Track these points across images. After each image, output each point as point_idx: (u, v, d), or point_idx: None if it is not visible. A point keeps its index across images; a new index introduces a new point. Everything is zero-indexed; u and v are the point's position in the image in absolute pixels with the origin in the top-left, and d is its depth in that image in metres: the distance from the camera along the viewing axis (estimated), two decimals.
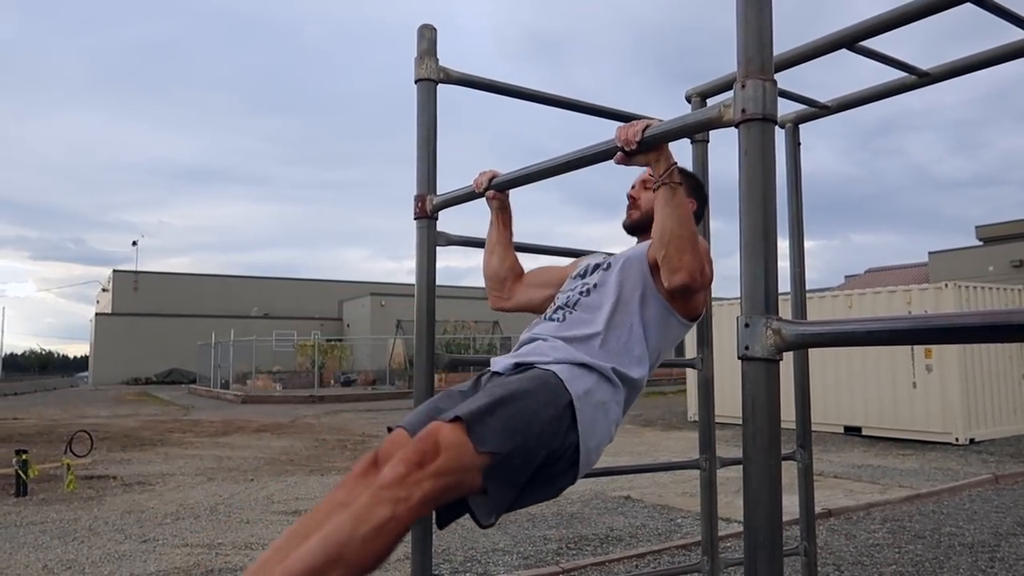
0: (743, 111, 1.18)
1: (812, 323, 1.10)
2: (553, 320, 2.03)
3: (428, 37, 2.18)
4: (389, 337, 28.66)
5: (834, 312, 11.06)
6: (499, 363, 1.98)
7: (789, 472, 7.31)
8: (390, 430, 1.90)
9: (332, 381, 26.47)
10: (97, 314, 39.59)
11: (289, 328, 35.68)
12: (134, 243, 44.49)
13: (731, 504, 6.48)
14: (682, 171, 2.17)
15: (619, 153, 1.66)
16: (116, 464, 9.05)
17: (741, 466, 2.86)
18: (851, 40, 2.13)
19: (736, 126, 1.21)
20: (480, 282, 2.39)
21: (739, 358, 1.15)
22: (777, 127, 2.87)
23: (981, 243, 28.74)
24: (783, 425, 1.31)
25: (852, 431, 10.99)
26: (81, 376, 44.53)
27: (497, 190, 2.18)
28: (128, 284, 39.30)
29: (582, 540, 5.32)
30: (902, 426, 10.38)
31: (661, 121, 1.57)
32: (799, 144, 2.99)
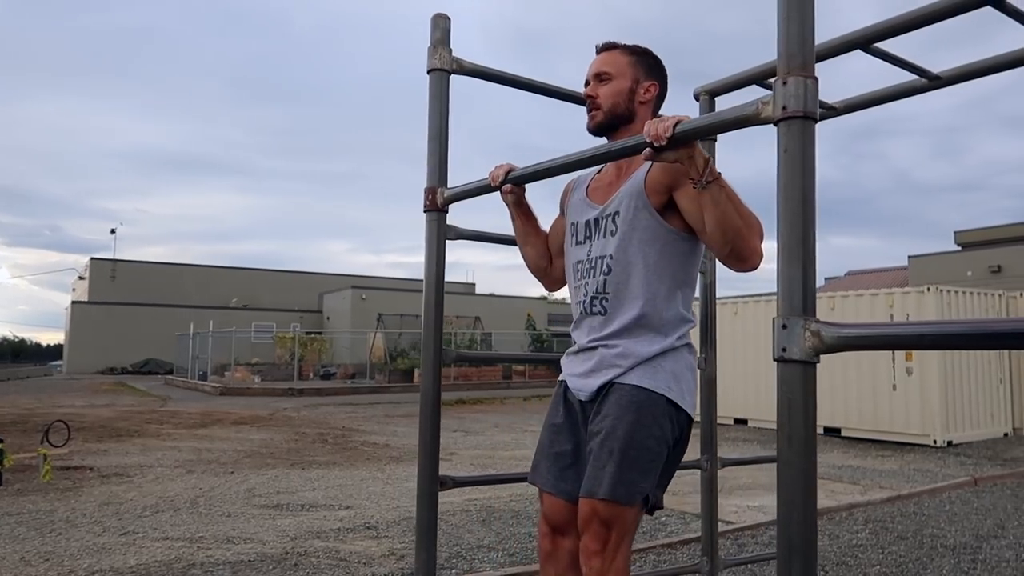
0: (784, 108, 1.15)
1: (855, 325, 1.09)
2: (595, 314, 2.06)
3: (442, 26, 2.13)
4: (369, 330, 28.52)
5: (816, 314, 11.13)
6: (581, 390, 2.10)
7: (769, 473, 7.30)
8: (534, 485, 2.18)
9: (311, 374, 26.30)
10: (73, 302, 39.01)
11: (268, 320, 35.41)
12: (113, 231, 44.09)
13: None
14: (642, 50, 2.09)
15: (648, 149, 1.62)
16: (93, 455, 8.91)
17: (726, 466, 2.83)
18: (866, 41, 2.12)
19: (775, 123, 1.18)
20: (461, 277, 2.37)
21: (775, 360, 1.13)
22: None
23: (960, 248, 29.13)
24: (764, 426, 1.33)
25: (832, 432, 11.09)
26: (55, 365, 43.84)
27: (514, 184, 2.13)
28: (106, 272, 38.79)
29: None
30: (882, 428, 10.49)
31: (690, 117, 1.53)
32: None
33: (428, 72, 2.18)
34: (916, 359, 10.18)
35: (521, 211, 2.26)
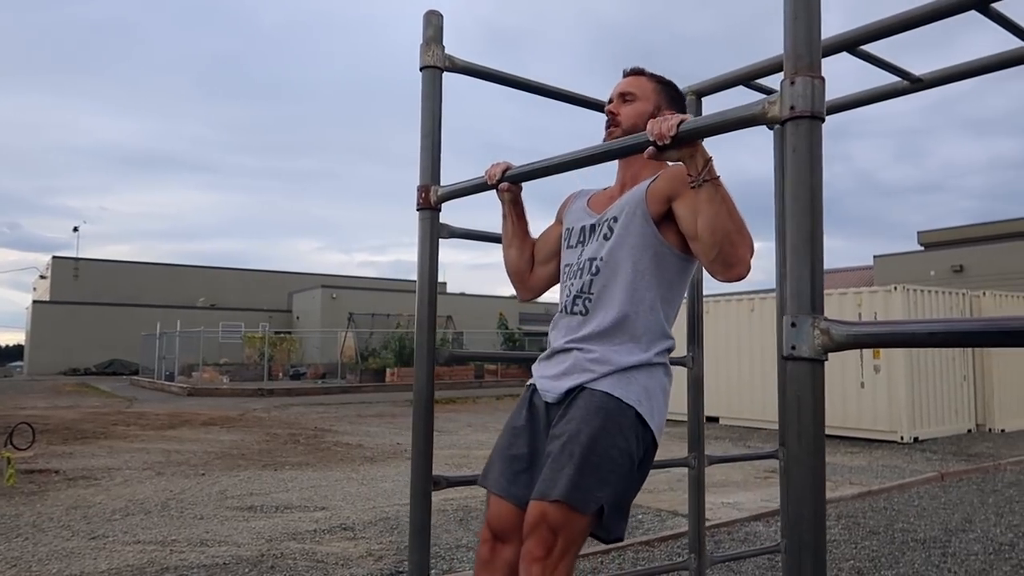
0: (792, 108, 1.16)
1: (866, 323, 1.09)
2: (575, 315, 2.00)
3: (435, 24, 2.11)
4: (340, 330, 28.28)
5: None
6: (548, 391, 2.02)
7: (743, 470, 7.35)
8: (483, 487, 2.09)
9: (281, 374, 26.01)
10: (34, 302, 38.13)
11: (237, 320, 34.94)
12: (75, 229, 43.03)
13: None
14: (667, 81, 2.15)
15: (651, 147, 1.62)
16: (58, 458, 8.72)
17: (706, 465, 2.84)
18: (853, 43, 2.15)
19: (782, 123, 1.19)
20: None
21: (784, 358, 1.13)
22: (766, 128, 2.88)
23: (923, 248, 29.75)
24: (736, 423, 1.34)
25: None
26: (15, 365, 42.82)
27: (511, 182, 2.11)
28: (68, 271, 37.99)
29: None
30: (850, 424, 10.67)
31: (692, 117, 1.53)
32: None
33: (421, 69, 2.16)
34: (884, 357, 10.37)
35: (516, 210, 2.24)
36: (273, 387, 21.60)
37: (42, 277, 41.94)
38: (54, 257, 38.88)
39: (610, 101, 2.15)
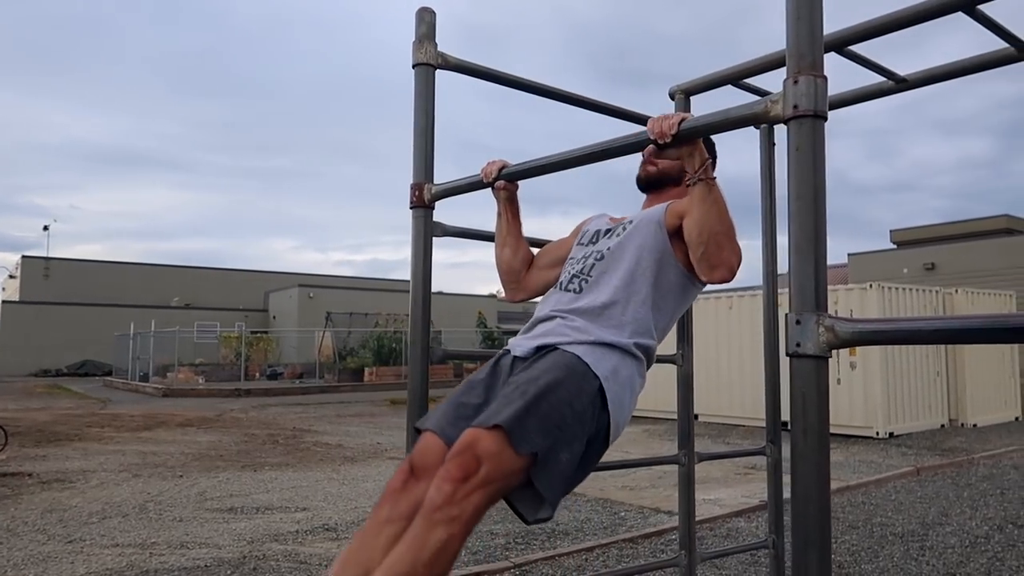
0: (795, 107, 1.17)
1: (870, 321, 1.11)
2: (568, 291, 1.99)
3: (427, 20, 2.10)
4: (317, 329, 28.07)
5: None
6: (519, 346, 1.95)
7: (722, 467, 7.38)
8: (419, 431, 1.88)
9: (258, 374, 25.76)
10: (4, 302, 37.39)
11: (212, 319, 34.53)
12: (46, 228, 42.28)
13: (671, 498, 6.61)
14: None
15: (651, 145, 1.63)
16: (31, 460, 8.57)
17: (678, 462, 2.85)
18: (841, 44, 2.17)
19: (785, 122, 1.20)
20: (408, 275, 2.27)
21: (788, 355, 1.14)
22: (752, 127, 2.90)
23: (896, 246, 30.18)
24: (714, 420, 1.35)
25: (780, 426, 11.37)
26: None
27: (507, 180, 2.11)
28: (38, 271, 37.32)
29: (529, 534, 5.32)
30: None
31: (693, 116, 1.54)
32: (774, 144, 3.05)
33: (413, 67, 2.14)
34: (860, 354, 10.51)
35: (511, 209, 2.25)
36: (250, 387, 21.39)
37: (11, 277, 41.17)
38: (24, 256, 38.18)
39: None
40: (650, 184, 2.19)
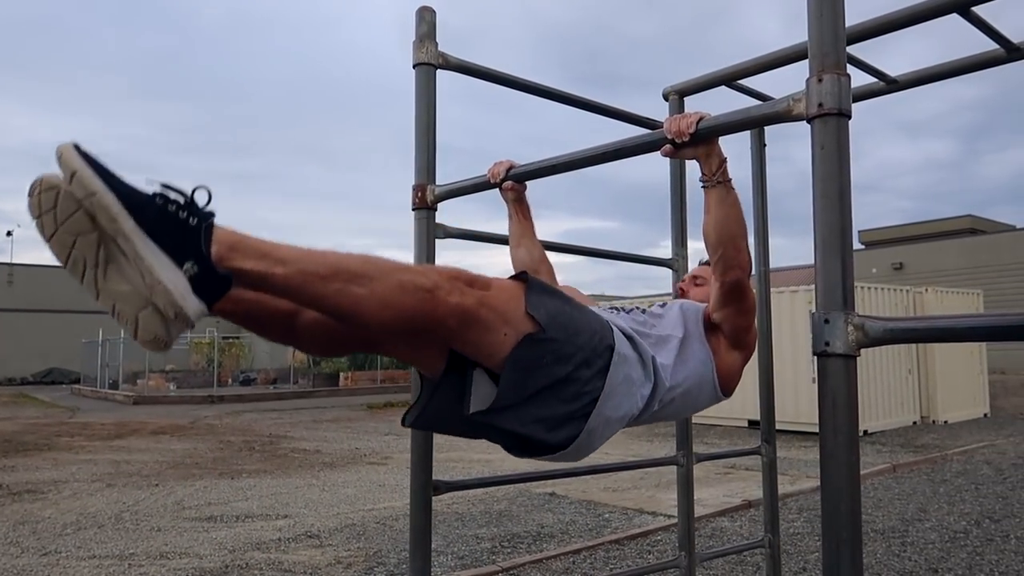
0: (820, 105, 1.17)
1: (902, 319, 1.11)
2: (613, 312, 1.94)
3: (428, 20, 2.07)
4: None
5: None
6: None
7: (704, 467, 7.41)
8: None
9: (230, 380, 25.44)
10: None
11: None
12: (9, 233, 41.06)
13: (654, 498, 6.64)
14: None
15: (667, 145, 1.61)
16: None
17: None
18: None
19: (809, 121, 1.20)
20: None
21: (816, 354, 1.14)
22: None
23: (864, 247, 30.69)
24: (702, 421, 1.34)
25: (755, 425, 11.47)
26: None
27: (515, 181, 2.10)
28: (2, 277, 36.48)
29: (515, 538, 5.30)
30: (803, 419, 10.91)
31: (711, 114, 1.53)
32: (764, 145, 3.07)
33: (414, 67, 2.11)
34: None
35: (521, 209, 2.23)
36: (223, 393, 21.11)
37: None
38: None
39: (683, 279, 2.42)
40: None
